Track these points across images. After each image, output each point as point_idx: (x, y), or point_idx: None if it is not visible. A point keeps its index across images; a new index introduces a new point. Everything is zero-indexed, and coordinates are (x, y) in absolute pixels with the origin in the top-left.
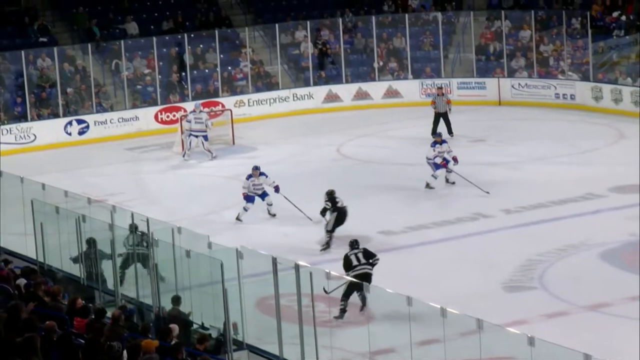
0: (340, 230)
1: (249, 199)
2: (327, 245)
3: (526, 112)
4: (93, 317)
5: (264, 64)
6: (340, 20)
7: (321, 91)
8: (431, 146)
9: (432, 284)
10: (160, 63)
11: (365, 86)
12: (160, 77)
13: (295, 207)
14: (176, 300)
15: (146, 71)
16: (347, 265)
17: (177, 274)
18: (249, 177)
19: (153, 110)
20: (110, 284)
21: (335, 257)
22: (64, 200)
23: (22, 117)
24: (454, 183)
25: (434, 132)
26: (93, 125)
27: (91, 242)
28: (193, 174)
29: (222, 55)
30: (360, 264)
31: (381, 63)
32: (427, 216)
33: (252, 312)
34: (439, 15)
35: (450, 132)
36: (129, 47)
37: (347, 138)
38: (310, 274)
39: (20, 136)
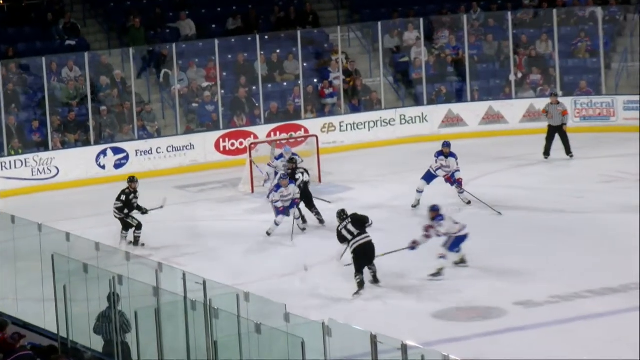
0: None
1: (283, 211)
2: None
3: None
4: None
5: (361, 76)
6: (464, 17)
7: (438, 112)
8: (435, 156)
9: None
10: (224, 74)
11: (498, 105)
12: (223, 92)
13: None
14: None
15: (205, 84)
16: (342, 241)
17: (244, 354)
18: (278, 187)
19: (213, 136)
20: None
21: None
22: (95, 255)
23: (41, 145)
24: (469, 203)
25: (547, 152)
26: (134, 156)
27: (112, 300)
28: (265, 222)
29: (305, 64)
30: (355, 236)
31: (520, 75)
32: (580, 281)
33: None
34: (599, 10)
35: (568, 152)
36: (183, 52)
37: (473, 175)
38: (422, 357)
39: (39, 170)
